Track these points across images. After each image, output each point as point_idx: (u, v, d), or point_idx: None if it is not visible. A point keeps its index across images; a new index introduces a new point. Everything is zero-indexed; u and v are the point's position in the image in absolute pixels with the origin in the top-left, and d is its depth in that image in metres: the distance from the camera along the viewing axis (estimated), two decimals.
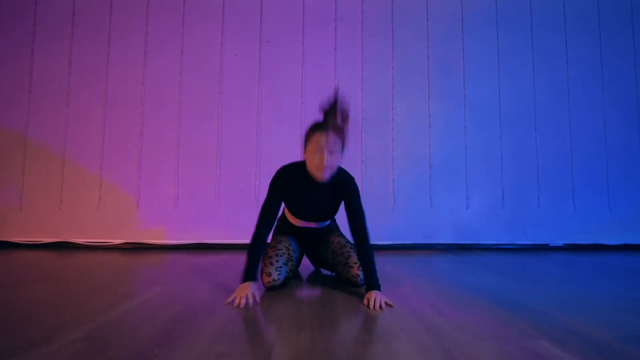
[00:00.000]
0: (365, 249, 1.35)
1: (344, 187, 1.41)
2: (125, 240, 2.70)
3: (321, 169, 1.29)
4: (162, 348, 0.81)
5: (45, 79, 2.81)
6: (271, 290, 1.38)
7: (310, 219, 1.53)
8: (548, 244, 2.81)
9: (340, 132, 1.33)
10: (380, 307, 1.16)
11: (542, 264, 2.20)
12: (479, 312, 1.15)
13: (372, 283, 1.26)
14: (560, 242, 2.81)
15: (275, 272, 1.38)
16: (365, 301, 1.21)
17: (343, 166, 1.45)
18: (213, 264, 2.01)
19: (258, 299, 1.21)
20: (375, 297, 1.19)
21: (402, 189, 2.81)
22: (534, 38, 3.01)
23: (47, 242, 2.68)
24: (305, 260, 1.93)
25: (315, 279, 1.68)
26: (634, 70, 3.01)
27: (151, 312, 1.08)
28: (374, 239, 2.69)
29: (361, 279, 1.40)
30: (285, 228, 1.61)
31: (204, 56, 2.86)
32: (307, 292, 1.42)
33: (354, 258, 1.45)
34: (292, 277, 1.56)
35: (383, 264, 2.15)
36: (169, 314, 1.06)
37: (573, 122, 2.94)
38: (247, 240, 1.33)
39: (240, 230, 2.68)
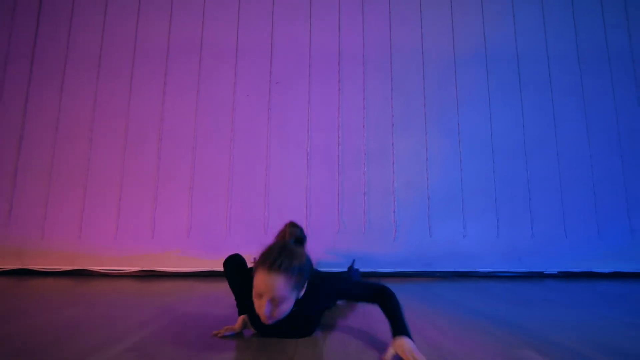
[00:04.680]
0: (388, 304, 1.13)
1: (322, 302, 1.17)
2: (139, 268, 2.84)
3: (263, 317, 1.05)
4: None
5: (70, 117, 3.03)
6: None
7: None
8: (543, 272, 2.95)
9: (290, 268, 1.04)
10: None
11: (538, 291, 2.34)
12: (468, 326, 1.30)
13: (398, 328, 1.04)
14: (554, 270, 2.95)
15: None
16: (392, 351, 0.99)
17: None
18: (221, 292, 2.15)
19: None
20: (408, 347, 0.96)
21: (403, 219, 2.98)
22: (521, 76, 3.26)
23: (65, 270, 2.82)
24: None
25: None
26: (613, 105, 3.24)
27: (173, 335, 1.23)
28: (376, 267, 2.84)
29: None
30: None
31: (218, 95, 3.10)
32: None
33: None
34: None
35: None
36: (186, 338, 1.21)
37: (561, 154, 3.15)
38: None
39: (249, 258, 2.84)
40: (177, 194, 2.95)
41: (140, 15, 3.17)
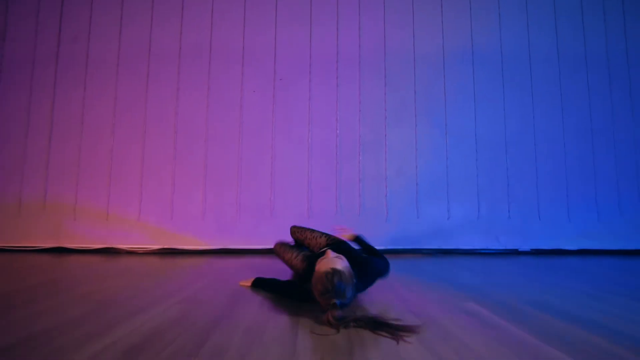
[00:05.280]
0: None
1: None
2: (161, 246, 3.22)
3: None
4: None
5: (94, 112, 3.37)
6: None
7: None
8: (517, 249, 3.32)
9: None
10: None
11: (507, 265, 2.71)
12: (435, 289, 1.67)
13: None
14: (527, 248, 3.32)
15: None
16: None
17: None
18: (236, 265, 2.53)
19: None
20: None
21: (394, 202, 3.34)
22: (504, 75, 3.57)
23: (96, 248, 3.20)
24: None
25: None
26: (588, 103, 3.56)
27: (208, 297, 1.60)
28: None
29: None
30: None
31: (227, 92, 3.42)
32: None
33: None
34: None
35: None
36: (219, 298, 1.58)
37: (537, 146, 3.48)
38: (263, 246, 1.84)
39: (257, 237, 3.21)
40: (192, 181, 3.31)
41: (153, 21, 3.47)
